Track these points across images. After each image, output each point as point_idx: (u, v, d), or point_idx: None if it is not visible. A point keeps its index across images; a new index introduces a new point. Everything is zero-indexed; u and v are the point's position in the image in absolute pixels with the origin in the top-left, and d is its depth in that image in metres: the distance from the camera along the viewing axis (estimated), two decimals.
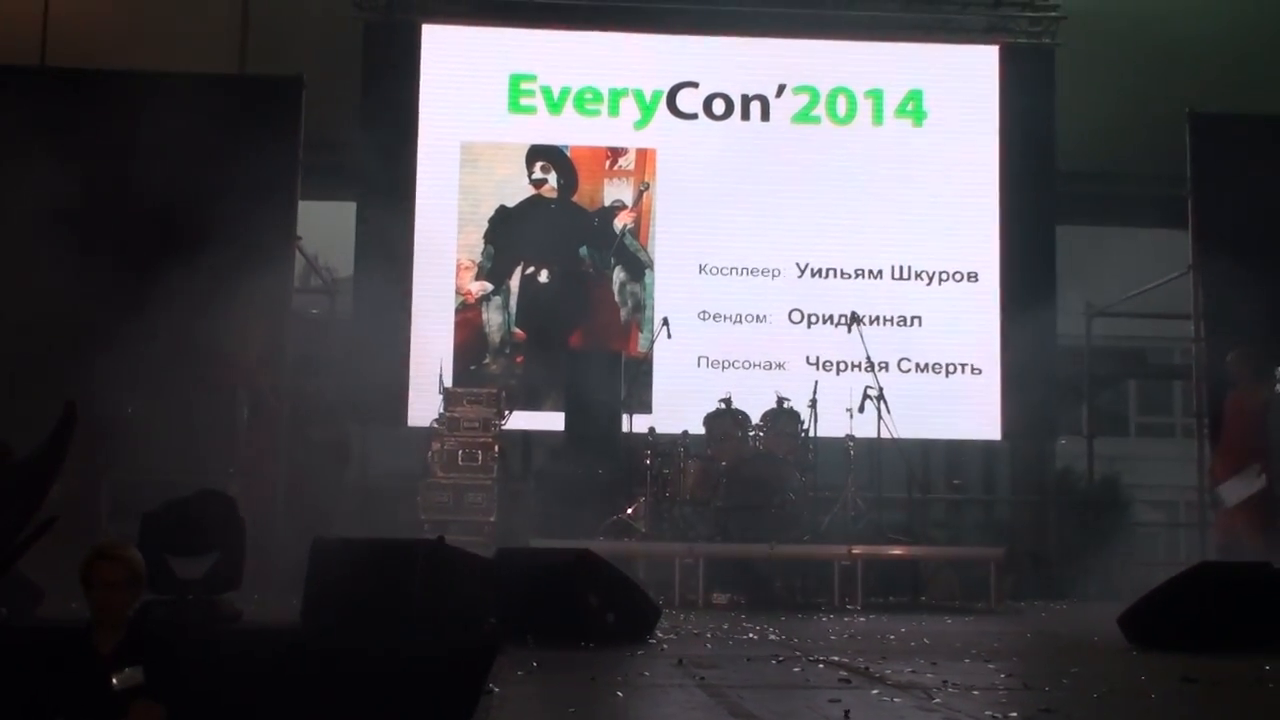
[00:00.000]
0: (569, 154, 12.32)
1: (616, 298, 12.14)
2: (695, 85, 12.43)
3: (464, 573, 6.37)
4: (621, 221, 12.26)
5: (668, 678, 4.75)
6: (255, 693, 5.71)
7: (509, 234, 12.15)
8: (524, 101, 12.32)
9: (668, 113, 12.40)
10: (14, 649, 5.44)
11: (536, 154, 12.29)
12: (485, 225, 12.14)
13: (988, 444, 12.87)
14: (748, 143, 12.40)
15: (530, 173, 12.26)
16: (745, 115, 12.44)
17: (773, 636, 6.81)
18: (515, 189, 12.24)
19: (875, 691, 4.44)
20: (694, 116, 12.41)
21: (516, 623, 6.18)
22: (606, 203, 12.29)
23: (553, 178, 12.28)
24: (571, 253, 12.23)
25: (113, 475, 7.54)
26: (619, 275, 12.18)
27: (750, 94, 12.47)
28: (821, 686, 4.52)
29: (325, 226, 13.57)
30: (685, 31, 12.53)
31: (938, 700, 4.19)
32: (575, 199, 12.29)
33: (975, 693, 4.44)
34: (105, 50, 10.46)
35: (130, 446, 7.60)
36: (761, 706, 4.00)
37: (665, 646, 6.07)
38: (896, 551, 9.91)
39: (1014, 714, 3.90)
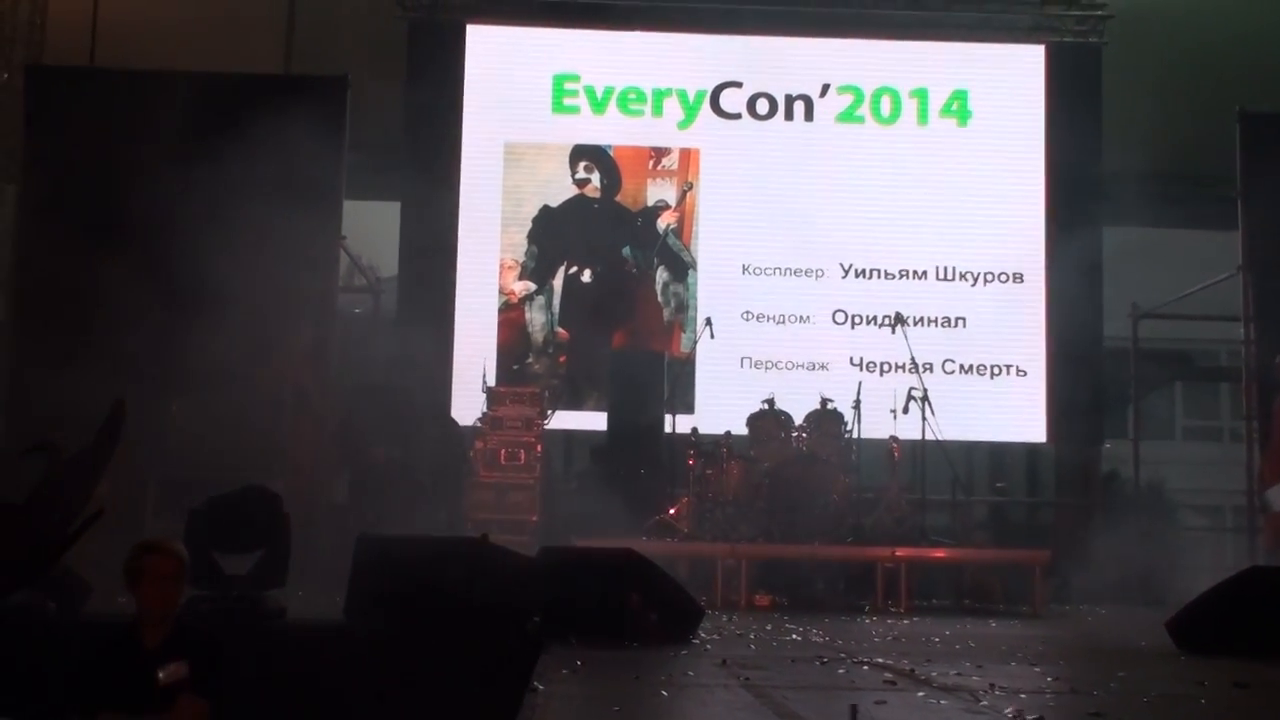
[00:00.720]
0: (612, 154, 12.31)
1: (660, 298, 12.12)
2: (739, 85, 12.39)
3: (508, 571, 6.36)
4: (665, 222, 12.24)
5: (712, 678, 4.73)
6: (299, 689, 5.72)
7: (552, 234, 12.16)
8: (567, 101, 12.32)
9: (711, 113, 12.36)
10: (62, 642, 5.48)
11: (580, 154, 12.29)
12: (529, 225, 12.16)
13: (1032, 446, 12.77)
14: (792, 143, 12.34)
15: (574, 172, 12.26)
16: (789, 115, 12.39)
17: (816, 638, 6.77)
18: (559, 189, 12.24)
19: (921, 694, 4.40)
20: (738, 116, 12.38)
21: (560, 622, 6.16)
22: (650, 203, 12.27)
23: (596, 177, 12.27)
24: (615, 253, 12.22)
25: (159, 472, 7.57)
26: (662, 275, 12.16)
27: (794, 94, 12.42)
28: (867, 688, 4.48)
29: (370, 226, 13.65)
30: (729, 31, 12.49)
31: (985, 703, 4.14)
32: (619, 199, 12.28)
33: (1022, 696, 4.39)
34: (153, 51, 10.54)
35: (176, 443, 7.63)
36: (807, 707, 3.97)
37: (709, 647, 6.05)
38: (940, 554, 9.84)
39: (1062, 718, 3.85)
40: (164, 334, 8.96)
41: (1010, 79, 12.52)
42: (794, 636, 6.83)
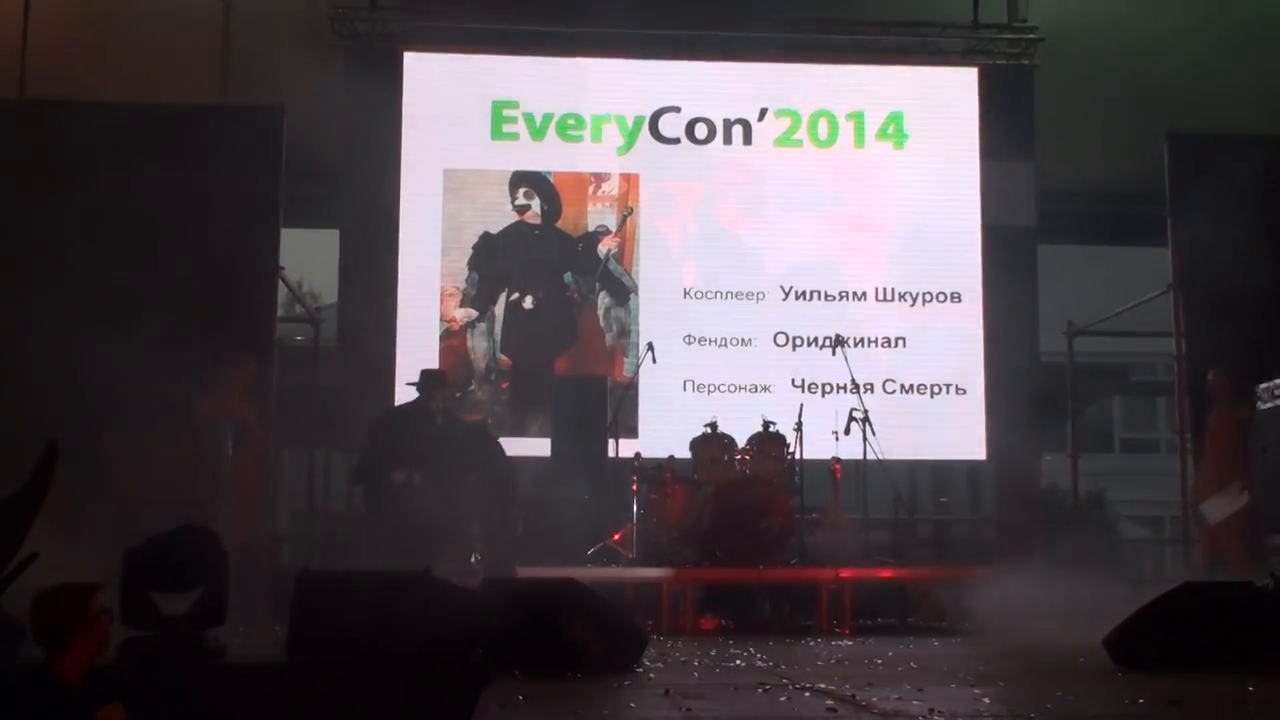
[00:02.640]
0: (552, 180, 12.33)
1: (601, 323, 12.15)
2: (677, 110, 12.47)
3: (450, 604, 6.33)
4: (605, 247, 12.27)
5: (654, 709, 4.73)
6: None
7: (493, 261, 12.15)
8: (506, 128, 12.33)
9: (650, 138, 12.43)
10: None
11: (520, 180, 12.31)
12: (469, 252, 12.14)
13: (973, 464, 12.89)
14: (731, 166, 12.43)
15: (514, 199, 12.27)
16: (728, 139, 12.48)
17: (760, 663, 6.79)
18: (499, 215, 12.24)
19: None
20: (676, 141, 12.45)
21: (503, 654, 6.14)
22: (590, 228, 12.30)
23: (536, 204, 12.29)
24: (556, 279, 12.24)
25: (92, 510, 7.47)
26: (604, 300, 12.19)
27: (732, 118, 12.51)
28: (807, 717, 4.50)
29: (308, 253, 13.59)
30: (665, 57, 12.57)
31: None
32: (559, 225, 12.30)
33: None
34: (85, 82, 10.43)
35: (111, 481, 7.54)
36: None
37: (652, 675, 6.05)
38: (884, 573, 9.91)
39: None
40: (98, 365, 8.84)
41: (945, 101, 12.68)
42: (738, 662, 6.84)
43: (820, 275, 12.27)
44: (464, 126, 12.27)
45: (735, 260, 12.24)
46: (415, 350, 11.81)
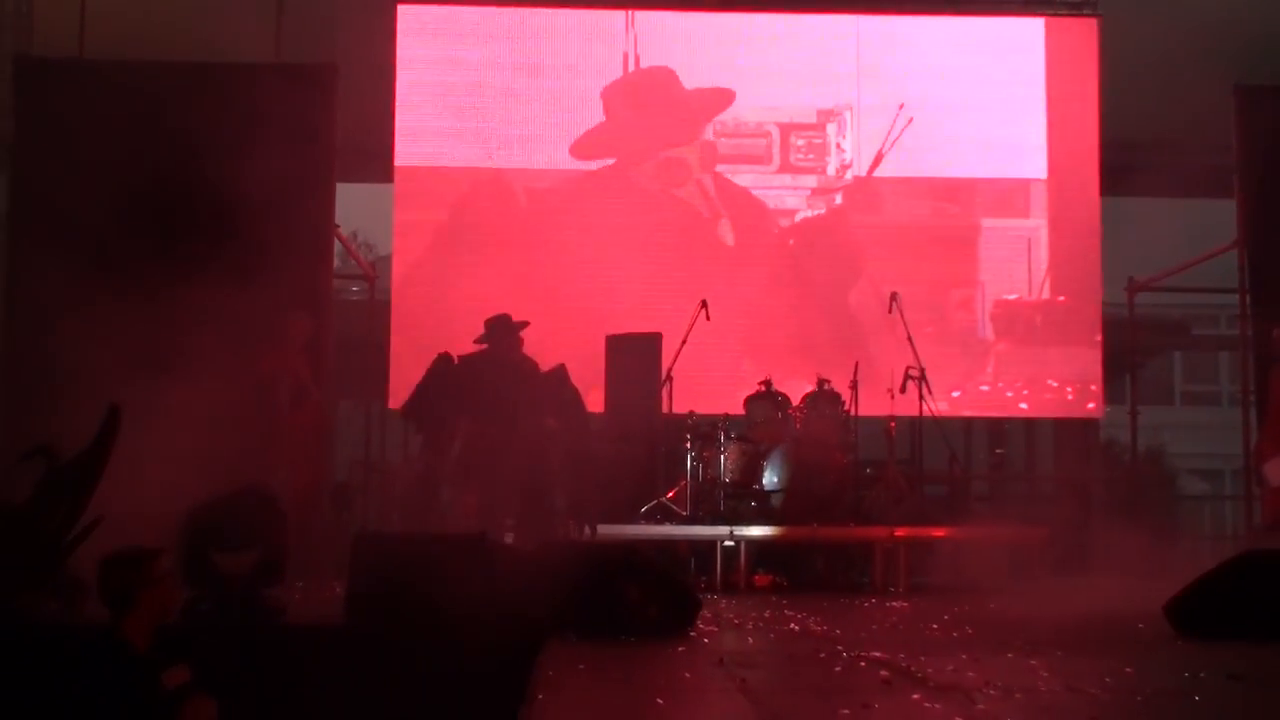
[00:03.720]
0: None
1: None
2: None
3: (507, 568, 6.40)
4: None
5: (709, 680, 4.76)
6: (301, 688, 5.77)
7: None
8: None
9: None
10: (55, 649, 5.53)
11: None
12: None
13: (1030, 420, 12.81)
14: None
15: None
16: None
17: (814, 626, 6.80)
18: None
19: (916, 695, 4.43)
20: None
21: (559, 617, 6.20)
22: None
23: None
24: None
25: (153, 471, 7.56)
26: None
27: None
28: (862, 690, 4.51)
29: (364, 206, 13.64)
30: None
31: (980, 706, 4.17)
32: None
33: (1017, 695, 4.42)
34: (142, 41, 10.48)
35: (170, 441, 7.64)
36: (803, 717, 4.00)
37: (707, 640, 6.09)
38: (938, 533, 9.88)
39: None
40: (155, 328, 8.94)
41: (1009, 52, 12.48)
42: (792, 625, 6.86)
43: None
44: None
45: None
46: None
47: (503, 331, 9.62)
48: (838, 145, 12.27)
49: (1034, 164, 12.35)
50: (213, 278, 9.16)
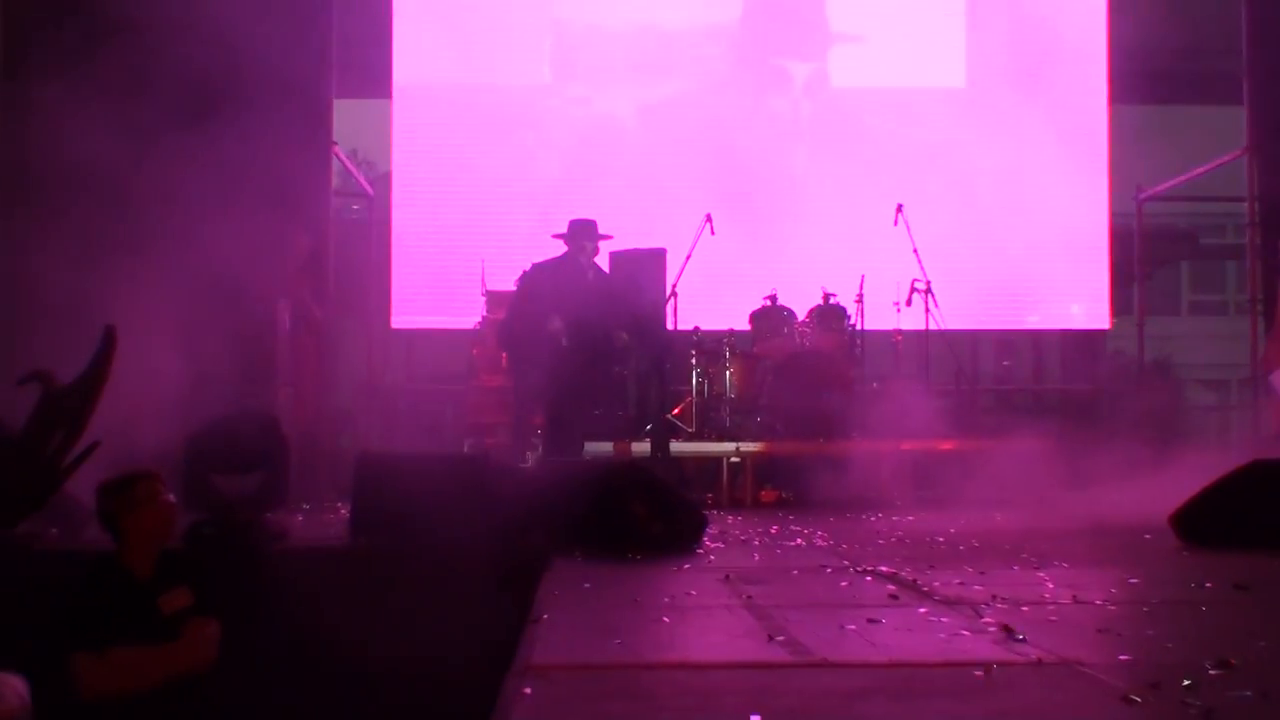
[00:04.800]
0: None
1: None
2: None
3: (510, 486, 6.38)
4: None
5: (714, 597, 4.73)
6: (304, 610, 5.76)
7: None
8: None
9: None
10: (58, 569, 5.52)
11: None
12: None
13: (1037, 333, 12.72)
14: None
15: None
16: None
17: (820, 542, 6.78)
18: None
19: (923, 609, 4.39)
20: None
21: (564, 535, 6.18)
22: None
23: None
24: None
25: (151, 392, 7.48)
26: None
27: None
28: (869, 604, 4.48)
29: (364, 121, 13.45)
30: None
31: (986, 619, 4.13)
32: None
33: (1024, 608, 4.38)
34: None
35: (169, 362, 7.56)
36: (809, 630, 3.97)
37: (713, 557, 6.06)
38: (946, 445, 9.84)
39: (1065, 634, 3.87)
40: (149, 245, 8.77)
41: None
42: (798, 541, 6.84)
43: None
44: None
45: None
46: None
47: (584, 236, 9.43)
48: None
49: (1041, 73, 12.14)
50: (206, 197, 8.98)
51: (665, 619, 4.29)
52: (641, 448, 9.35)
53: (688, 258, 10.35)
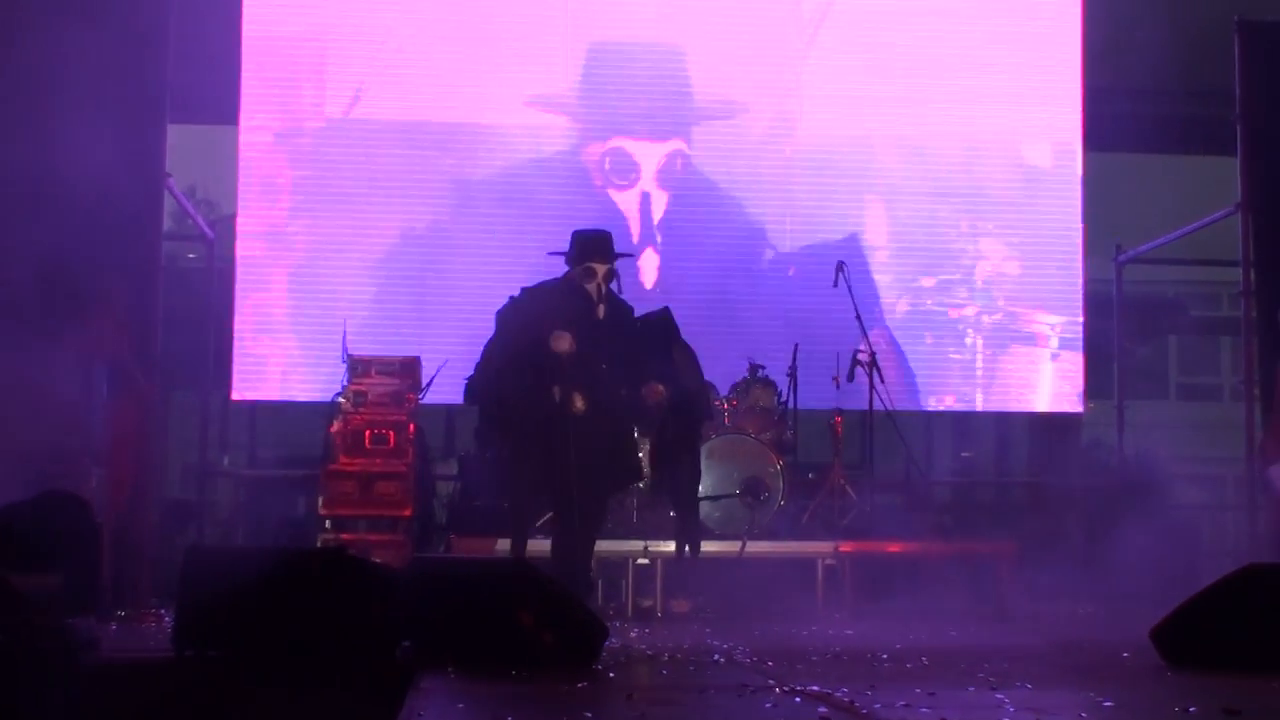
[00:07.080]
0: None
1: None
2: None
3: (371, 588, 6.34)
4: None
5: (616, 718, 4.74)
6: None
7: None
8: None
9: None
10: None
11: None
12: None
13: (1001, 414, 12.95)
14: None
15: None
16: None
17: (741, 658, 6.81)
18: None
19: None
20: None
21: (435, 647, 6.16)
22: None
23: None
24: None
25: None
26: None
27: None
28: None
29: (201, 154, 13.41)
30: None
31: None
32: None
33: None
34: None
35: None
36: None
37: (613, 674, 6.06)
38: (892, 548, 9.96)
39: None
40: None
41: None
42: (716, 657, 6.87)
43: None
44: None
45: None
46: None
47: (595, 254, 8.23)
48: None
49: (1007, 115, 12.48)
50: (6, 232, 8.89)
51: None
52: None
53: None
